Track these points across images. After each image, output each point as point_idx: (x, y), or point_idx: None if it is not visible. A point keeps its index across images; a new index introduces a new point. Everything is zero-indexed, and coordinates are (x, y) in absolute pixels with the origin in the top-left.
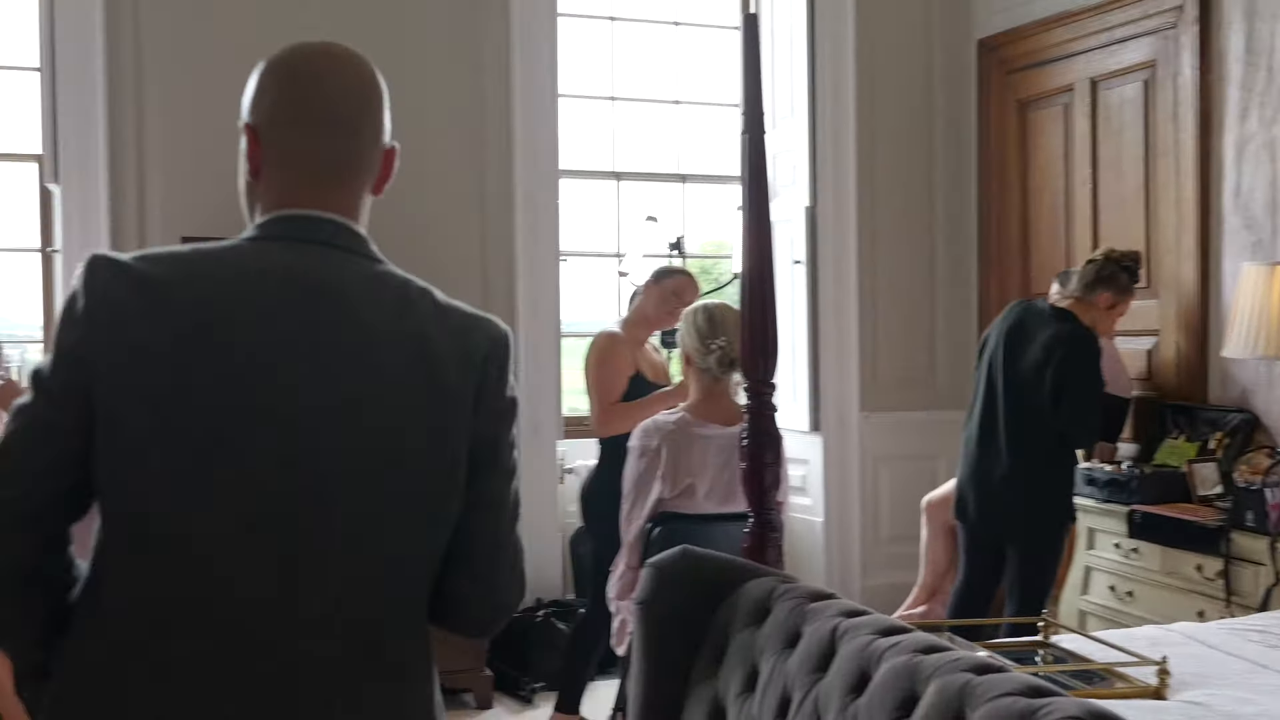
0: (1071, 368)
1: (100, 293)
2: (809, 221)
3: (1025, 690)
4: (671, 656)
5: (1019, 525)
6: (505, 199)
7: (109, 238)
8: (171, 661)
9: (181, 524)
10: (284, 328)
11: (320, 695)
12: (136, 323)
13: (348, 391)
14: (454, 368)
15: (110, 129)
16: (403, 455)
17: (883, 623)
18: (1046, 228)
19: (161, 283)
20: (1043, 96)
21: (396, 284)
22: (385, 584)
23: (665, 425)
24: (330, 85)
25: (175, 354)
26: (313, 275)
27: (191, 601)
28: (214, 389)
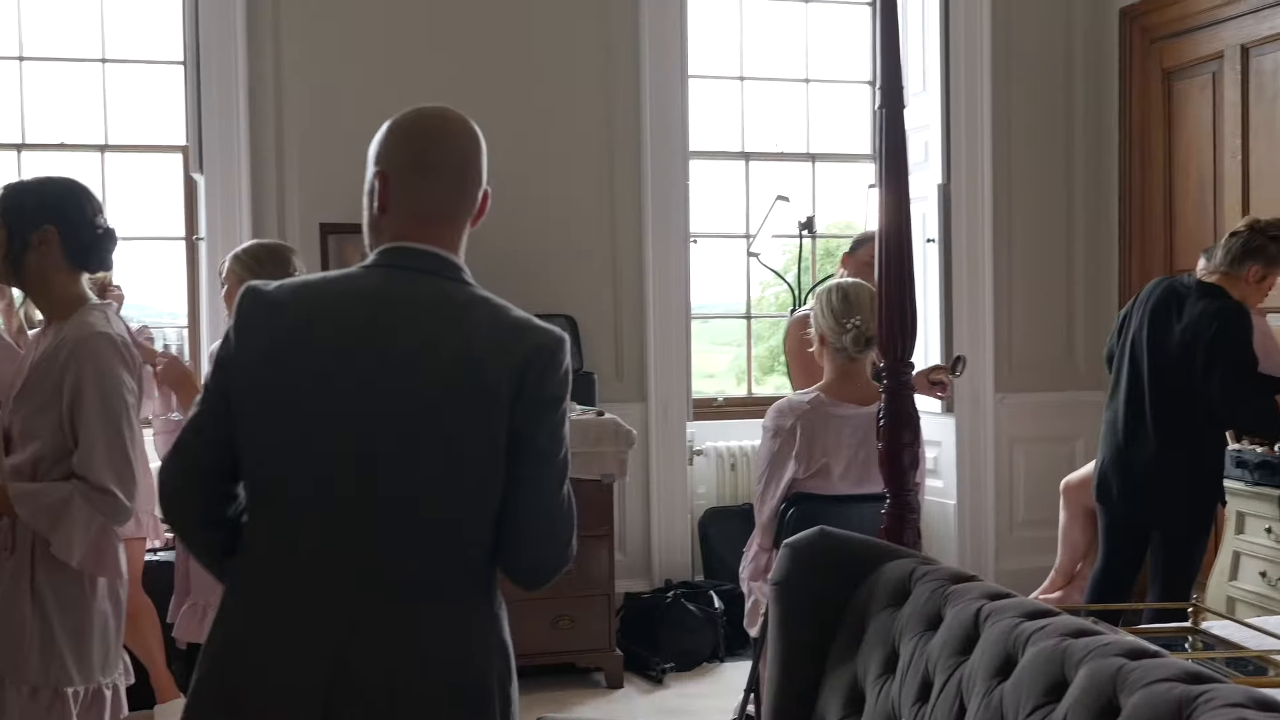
0: (1223, 344)
1: (241, 313)
2: (942, 199)
3: (1183, 676)
4: (807, 638)
5: (1167, 508)
6: (634, 181)
7: (250, 225)
8: (282, 567)
9: (277, 484)
10: (354, 337)
11: (371, 597)
12: (257, 334)
13: (398, 385)
14: (493, 369)
15: (251, 121)
16: (443, 436)
17: (1028, 605)
18: (1192, 202)
19: (279, 303)
20: (1189, 65)
21: (461, 300)
22: (422, 535)
23: (800, 405)
24: (442, 144)
25: (274, 356)
26: (388, 295)
27: (289, 540)
28: (297, 384)
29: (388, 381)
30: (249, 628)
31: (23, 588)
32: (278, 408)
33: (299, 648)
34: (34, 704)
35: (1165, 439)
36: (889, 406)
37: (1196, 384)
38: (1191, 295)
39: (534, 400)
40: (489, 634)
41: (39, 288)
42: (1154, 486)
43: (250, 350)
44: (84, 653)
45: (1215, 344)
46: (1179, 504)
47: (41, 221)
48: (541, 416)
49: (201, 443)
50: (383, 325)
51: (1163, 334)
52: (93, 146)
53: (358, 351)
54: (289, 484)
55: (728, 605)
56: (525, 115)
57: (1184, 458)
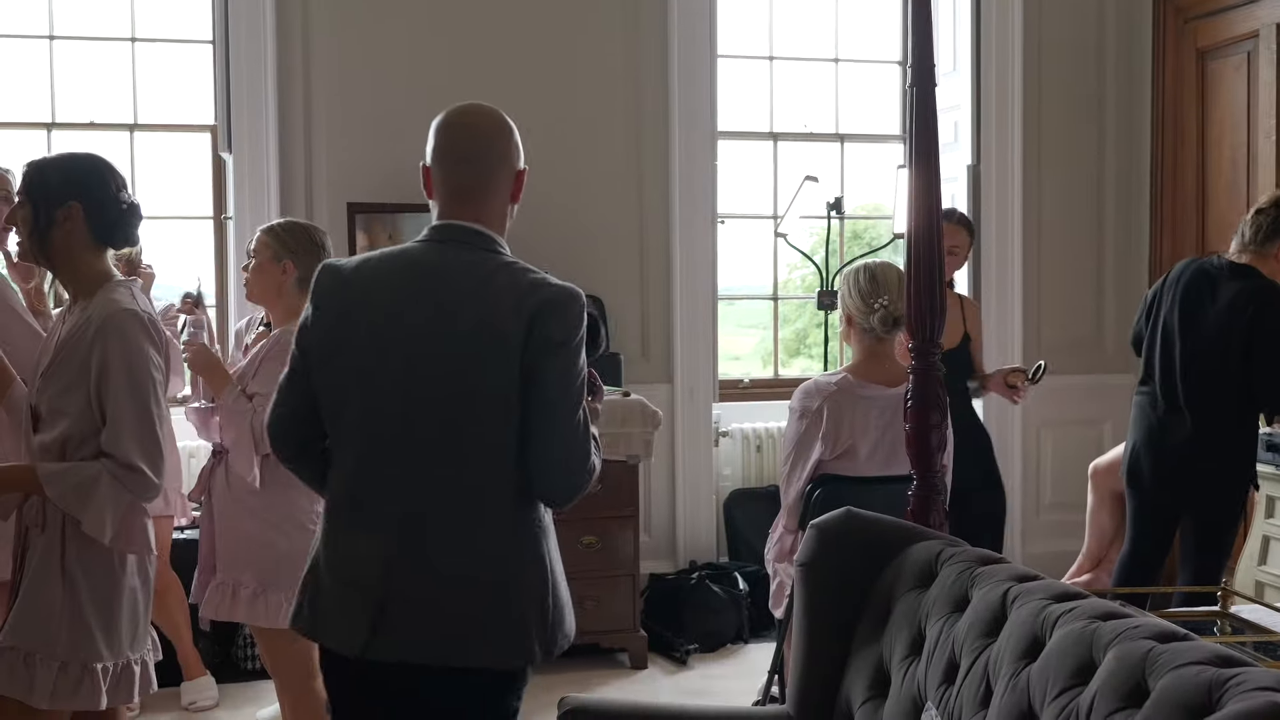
0: (1262, 325)
1: (318, 288)
2: (971, 180)
3: (1213, 659)
4: (833, 619)
5: (1200, 492)
6: (662, 161)
7: (278, 205)
8: (355, 486)
9: (348, 423)
10: (401, 298)
11: (401, 552)
12: (328, 301)
13: (435, 336)
14: (509, 319)
15: (279, 100)
16: (469, 375)
17: (1056, 588)
18: (1225, 183)
19: (346, 275)
20: (1224, 44)
21: (491, 266)
22: (458, 458)
23: (826, 386)
24: (470, 136)
25: (343, 320)
26: (429, 263)
27: (343, 479)
28: (360, 342)
29: (428, 334)
30: (333, 527)
31: (53, 564)
32: (346, 363)
33: (367, 542)
34: (64, 679)
35: (1199, 422)
36: (917, 387)
37: (1232, 367)
38: (1224, 276)
39: (540, 346)
40: (523, 546)
41: (65, 265)
42: (1187, 470)
43: (327, 316)
44: (113, 628)
45: (1253, 327)
46: (1212, 488)
47: (66, 198)
48: (547, 361)
49: (291, 393)
50: (425, 288)
51: (1196, 316)
52: (122, 126)
53: (405, 311)
54: (357, 423)
55: (752, 587)
56: (553, 96)
57: (1218, 441)
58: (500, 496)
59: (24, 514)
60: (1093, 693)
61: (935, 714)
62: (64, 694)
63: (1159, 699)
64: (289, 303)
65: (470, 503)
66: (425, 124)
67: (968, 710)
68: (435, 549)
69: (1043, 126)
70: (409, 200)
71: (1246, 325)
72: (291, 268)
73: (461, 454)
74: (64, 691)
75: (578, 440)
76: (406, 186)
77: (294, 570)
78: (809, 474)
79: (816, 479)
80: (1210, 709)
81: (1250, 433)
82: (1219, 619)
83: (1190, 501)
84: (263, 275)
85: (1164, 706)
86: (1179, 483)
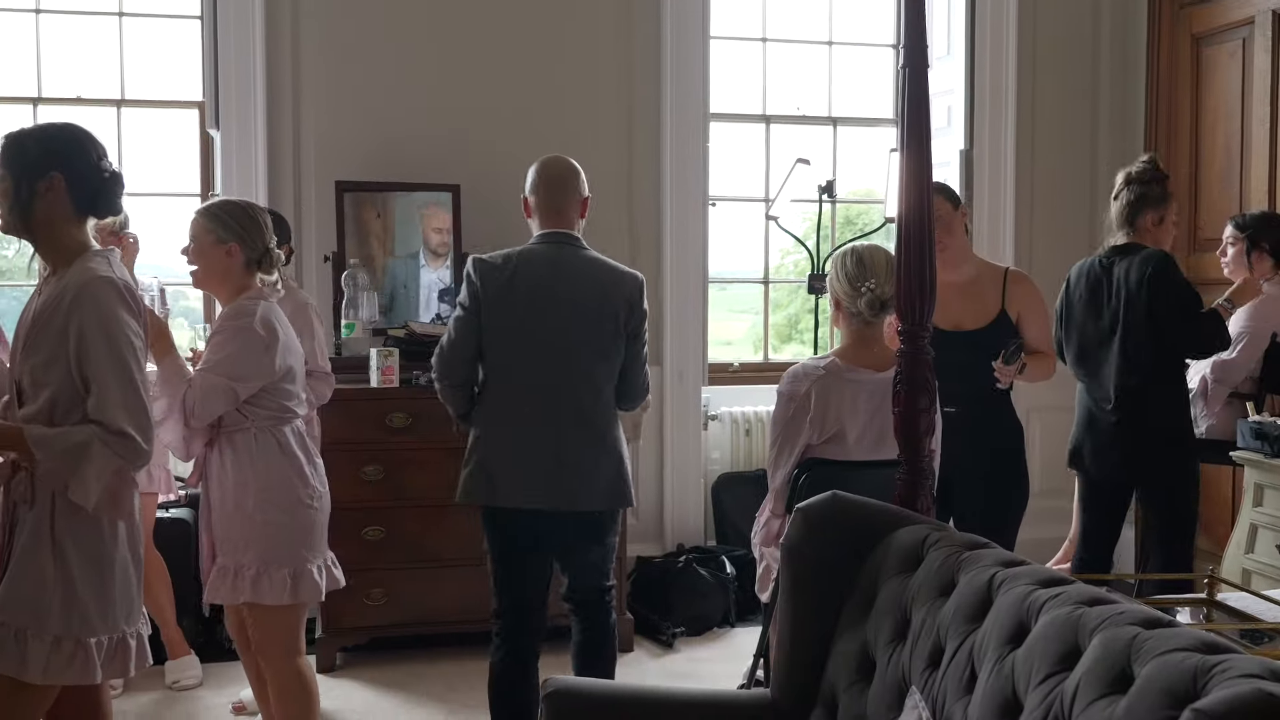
0: (1156, 282)
1: (479, 271)
2: (964, 165)
3: (1198, 646)
4: (818, 603)
5: (1137, 464)
6: (654, 142)
7: (265, 182)
8: (514, 411)
9: (506, 369)
10: (546, 277)
11: (565, 441)
12: (490, 280)
13: (568, 309)
14: (614, 300)
15: (268, 77)
16: (592, 337)
17: (1042, 573)
18: (1218, 171)
19: (499, 264)
20: (1219, 31)
21: (587, 258)
22: (591, 393)
23: (814, 370)
24: (557, 173)
25: (504, 294)
26: (553, 255)
27: (513, 400)
28: (514, 312)
29: (567, 300)
30: (501, 430)
31: (43, 539)
32: (512, 322)
33: (536, 434)
34: (57, 654)
35: (1126, 399)
36: (906, 371)
37: (1143, 335)
38: (1113, 260)
39: (637, 318)
40: (619, 436)
41: (46, 237)
42: (1121, 443)
43: (491, 290)
44: (107, 602)
45: (1150, 286)
46: (1148, 458)
47: (47, 169)
48: (639, 326)
49: (462, 344)
50: (557, 272)
51: (1098, 302)
52: (109, 101)
53: (541, 291)
54: (524, 362)
55: (739, 570)
56: (544, 76)
57: (1146, 412)
58: (609, 405)
59: (11, 490)
60: (1078, 678)
61: (920, 699)
62: (57, 669)
63: (1144, 685)
64: (237, 283)
65: (597, 410)
66: (416, 102)
67: (952, 695)
68: (579, 438)
69: (1036, 111)
70: (398, 179)
71: (1144, 288)
72: (237, 250)
73: (593, 380)
74: (57, 666)
75: (644, 374)
76: (395, 164)
77: (292, 546)
78: (796, 458)
79: (804, 463)
80: (1195, 695)
81: (1178, 397)
82: (1205, 606)
83: (1130, 476)
84: (206, 259)
85: (1149, 693)
86: (1118, 458)
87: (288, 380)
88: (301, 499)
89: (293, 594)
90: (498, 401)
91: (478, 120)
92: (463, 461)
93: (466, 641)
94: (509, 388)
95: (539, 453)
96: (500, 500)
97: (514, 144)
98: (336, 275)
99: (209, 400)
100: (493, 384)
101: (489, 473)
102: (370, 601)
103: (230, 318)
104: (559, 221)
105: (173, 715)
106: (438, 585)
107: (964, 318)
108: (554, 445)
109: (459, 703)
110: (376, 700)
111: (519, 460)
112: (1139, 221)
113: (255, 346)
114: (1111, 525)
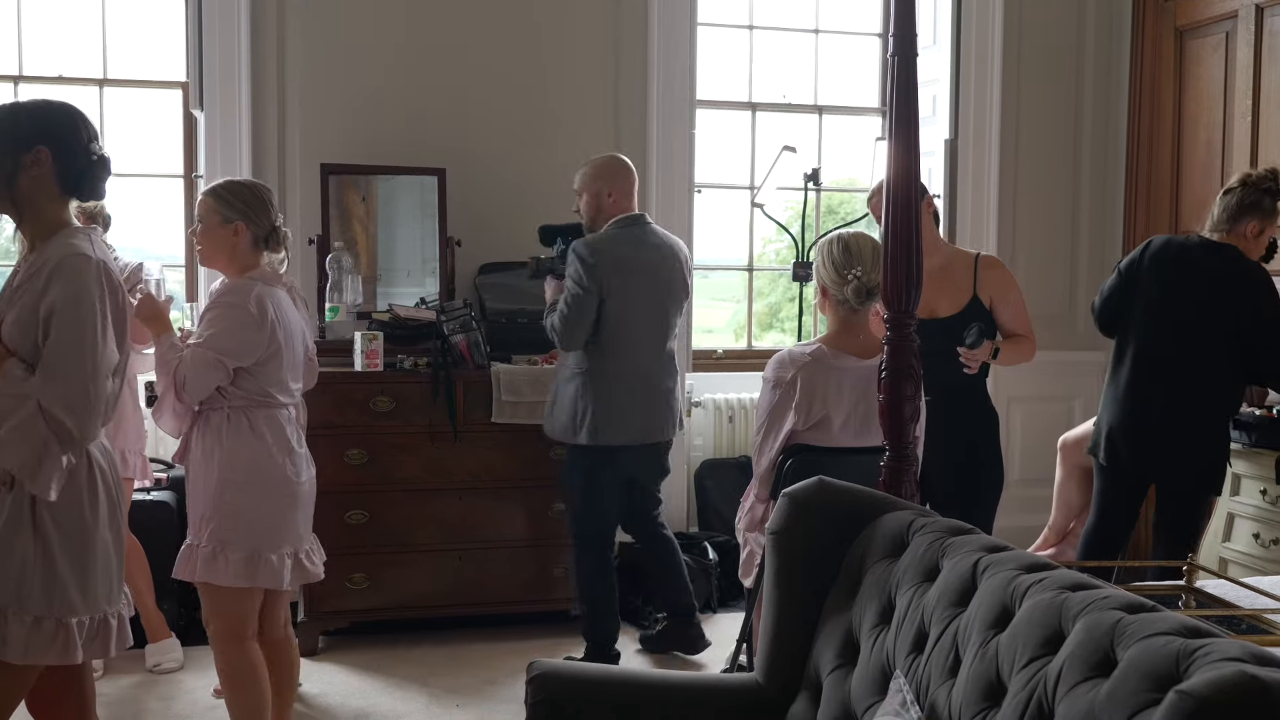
0: (1251, 304)
1: (597, 253)
2: (949, 155)
3: (1181, 630)
4: (803, 588)
5: (1178, 462)
6: (640, 129)
7: (250, 164)
8: (625, 370)
9: (623, 331)
10: (640, 257)
11: (661, 402)
12: (606, 258)
13: (656, 273)
14: (681, 265)
15: (253, 58)
16: (671, 300)
17: (1026, 559)
18: (1200, 164)
19: (604, 244)
20: (1203, 24)
21: (659, 230)
22: (670, 341)
23: (800, 356)
24: (626, 167)
25: (618, 269)
26: (640, 234)
27: (630, 356)
28: (623, 282)
29: (654, 273)
30: (606, 384)
31: (23, 518)
32: (621, 296)
33: (644, 392)
34: (37, 634)
35: (1184, 399)
36: (892, 358)
37: (1218, 342)
38: (1202, 254)
39: (689, 279)
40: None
41: (28, 213)
42: (1170, 445)
43: (604, 268)
44: (88, 582)
45: (1243, 306)
46: (1198, 461)
47: (34, 142)
48: (690, 284)
49: (581, 311)
50: (644, 246)
51: (1181, 291)
52: (91, 80)
53: (641, 264)
54: (630, 330)
55: (722, 556)
56: (531, 60)
57: (1203, 417)
58: (672, 351)
59: None
60: (1061, 662)
61: (904, 682)
62: (38, 649)
63: (1127, 669)
64: (244, 262)
65: (670, 356)
66: (401, 84)
67: (936, 679)
68: (668, 382)
69: (1021, 102)
70: (383, 162)
71: (1234, 303)
72: (244, 229)
73: (672, 333)
74: (38, 646)
75: None
76: (381, 147)
77: (252, 529)
78: (781, 444)
79: (789, 449)
80: (1178, 678)
81: (1232, 409)
82: (1184, 593)
83: (1171, 477)
84: (213, 239)
85: (1132, 676)
86: (1161, 459)
87: (273, 366)
88: (266, 485)
89: (247, 578)
90: (605, 359)
91: (464, 104)
92: (578, 409)
93: (447, 626)
94: (616, 348)
95: (648, 396)
96: (609, 439)
97: (500, 129)
98: (320, 258)
99: (198, 374)
100: (598, 348)
101: (595, 420)
102: (352, 585)
103: (224, 294)
104: (633, 205)
105: (153, 698)
106: (420, 570)
107: (937, 305)
108: (653, 389)
109: (440, 686)
110: (358, 684)
111: (617, 407)
112: (1240, 226)
113: (246, 324)
114: (1130, 520)
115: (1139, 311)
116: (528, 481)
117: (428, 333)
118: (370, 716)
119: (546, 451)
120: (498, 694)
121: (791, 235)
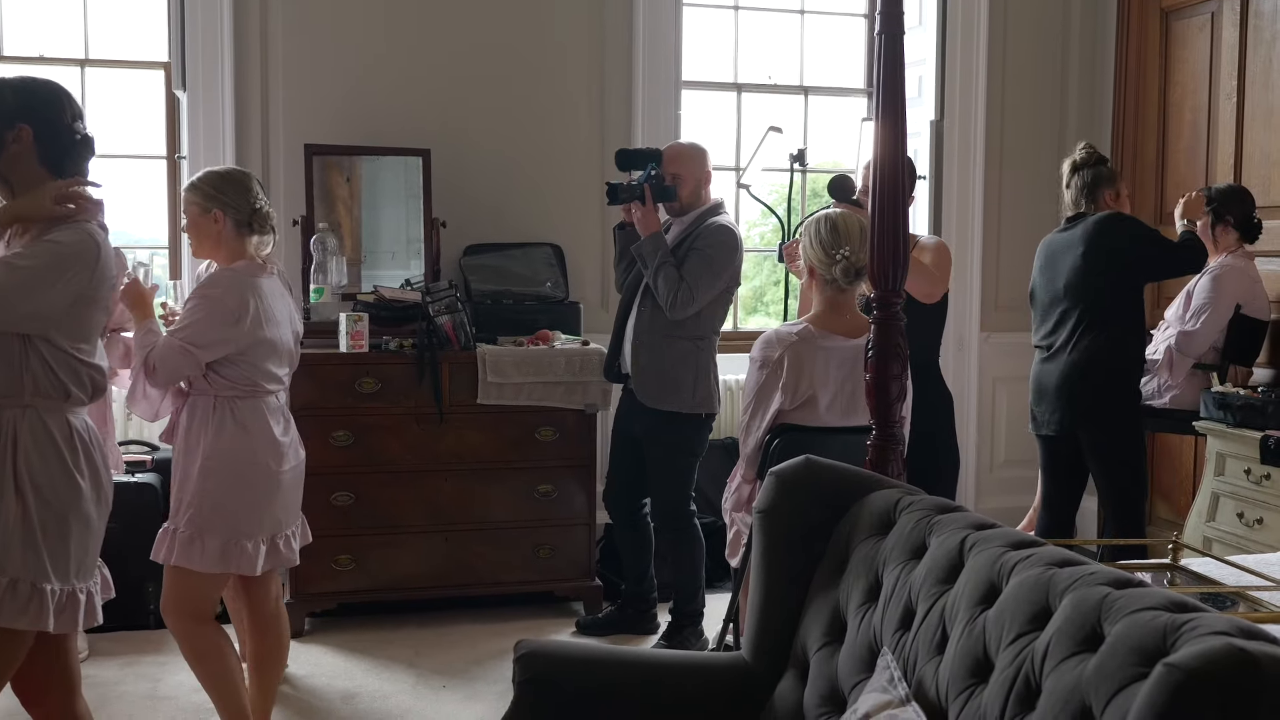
0: (1119, 229)
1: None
2: (934, 136)
3: (1168, 605)
4: (790, 567)
5: (1083, 412)
6: (625, 110)
7: (233, 145)
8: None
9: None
10: None
11: None
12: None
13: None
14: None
15: (236, 37)
16: None
17: (1013, 536)
18: (1185, 144)
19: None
20: (1189, 4)
21: (720, 224)
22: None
23: (787, 336)
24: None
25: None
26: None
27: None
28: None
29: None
30: (712, 365)
31: (5, 481)
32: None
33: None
34: (13, 596)
35: (1078, 348)
36: (878, 337)
37: (1099, 284)
38: (1070, 225)
39: None
40: None
41: (10, 191)
42: (1067, 392)
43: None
44: (60, 553)
45: (1109, 242)
46: (1093, 405)
47: (16, 119)
48: None
49: (721, 286)
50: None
51: (1058, 266)
52: (72, 60)
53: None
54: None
55: (707, 537)
56: (515, 42)
57: (1095, 361)
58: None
59: None
60: (1048, 637)
61: (891, 659)
62: (11, 611)
63: (1114, 643)
64: (231, 247)
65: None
66: (386, 64)
67: (923, 656)
68: None
69: (1006, 83)
70: (367, 142)
71: (1110, 242)
72: (222, 215)
73: None
74: (12, 609)
75: None
76: (366, 127)
77: (231, 518)
78: (768, 423)
79: (776, 429)
80: (1166, 652)
81: (1132, 352)
82: (1169, 571)
83: (1084, 421)
84: (197, 230)
85: (1119, 650)
86: (1062, 409)
87: (258, 355)
88: (246, 476)
89: (221, 564)
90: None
91: (449, 85)
92: (711, 377)
93: (434, 607)
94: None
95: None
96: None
97: (485, 109)
98: (305, 239)
99: (167, 360)
100: (722, 314)
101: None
102: (338, 567)
103: (206, 285)
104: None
105: (139, 680)
106: (405, 551)
107: None
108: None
109: (426, 668)
110: (345, 665)
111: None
112: (1099, 200)
113: (223, 317)
114: (1071, 489)
115: (1035, 296)
116: (514, 463)
117: (413, 314)
118: (357, 697)
119: (532, 433)
120: (484, 674)
121: (778, 216)
